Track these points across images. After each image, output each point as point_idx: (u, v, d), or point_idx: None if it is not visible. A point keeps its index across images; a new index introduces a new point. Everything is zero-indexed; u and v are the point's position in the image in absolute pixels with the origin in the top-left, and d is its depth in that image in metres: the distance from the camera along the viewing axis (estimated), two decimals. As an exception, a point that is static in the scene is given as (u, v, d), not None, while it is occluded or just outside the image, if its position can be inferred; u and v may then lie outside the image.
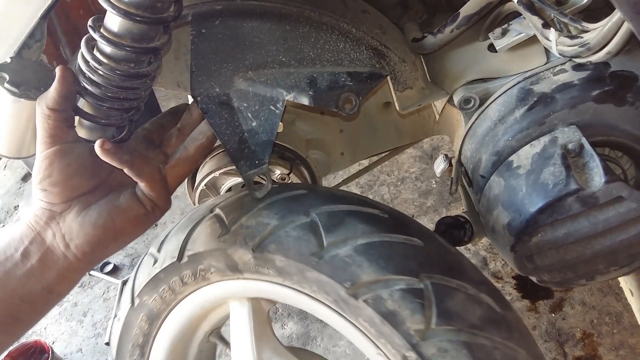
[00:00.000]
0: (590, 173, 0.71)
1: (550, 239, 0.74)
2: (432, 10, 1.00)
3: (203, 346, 1.00)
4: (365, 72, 0.79)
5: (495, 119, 0.81)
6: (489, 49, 0.86)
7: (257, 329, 0.87)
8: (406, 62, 0.90)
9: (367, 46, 0.84)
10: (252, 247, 0.75)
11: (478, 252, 1.69)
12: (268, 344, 0.88)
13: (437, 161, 0.93)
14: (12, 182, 2.72)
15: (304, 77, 0.78)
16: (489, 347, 0.61)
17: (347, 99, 0.77)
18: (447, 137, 1.10)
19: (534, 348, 0.66)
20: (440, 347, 0.61)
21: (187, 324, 0.92)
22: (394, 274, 0.64)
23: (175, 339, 0.94)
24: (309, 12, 0.82)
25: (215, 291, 0.85)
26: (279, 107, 0.78)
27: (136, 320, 0.91)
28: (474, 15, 0.83)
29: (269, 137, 0.78)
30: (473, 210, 0.87)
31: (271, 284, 0.78)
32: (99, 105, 0.72)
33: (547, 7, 0.71)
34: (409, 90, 0.90)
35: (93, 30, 0.67)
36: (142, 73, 0.71)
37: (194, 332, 0.97)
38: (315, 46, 0.81)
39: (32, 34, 0.73)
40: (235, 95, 0.79)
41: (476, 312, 0.63)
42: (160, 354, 0.94)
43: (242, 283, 0.81)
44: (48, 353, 1.59)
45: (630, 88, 0.74)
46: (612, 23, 0.62)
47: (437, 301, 0.63)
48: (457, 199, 1.90)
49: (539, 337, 1.43)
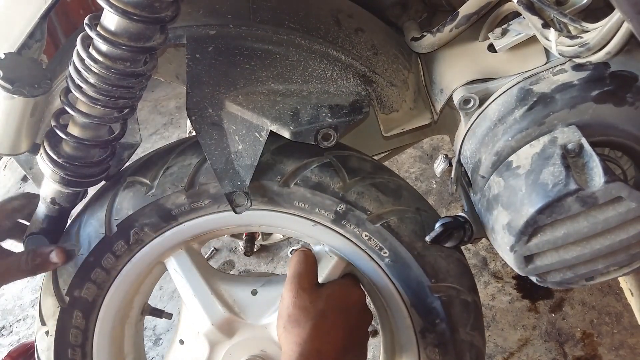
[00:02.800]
0: (589, 173, 0.71)
1: (549, 239, 0.74)
2: (431, 9, 1.00)
3: (138, 325, 1.04)
4: (347, 105, 0.83)
5: (495, 119, 0.81)
6: (489, 49, 0.86)
7: (201, 268, 0.95)
8: (395, 84, 0.92)
9: (355, 73, 0.88)
10: (184, 188, 0.85)
11: (478, 252, 1.69)
12: (215, 277, 0.96)
13: (437, 161, 0.93)
14: (12, 182, 2.72)
15: (288, 109, 0.81)
16: (386, 182, 0.88)
17: (326, 134, 0.82)
18: (447, 137, 1.10)
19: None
20: (358, 192, 0.86)
21: (123, 303, 0.96)
22: (308, 158, 0.85)
23: (116, 323, 0.96)
24: (300, 40, 0.86)
25: (149, 252, 0.90)
26: (263, 135, 0.81)
27: (70, 320, 0.91)
28: (473, 15, 0.83)
29: (252, 161, 0.82)
30: (473, 210, 0.87)
31: (206, 216, 0.88)
32: (93, 104, 0.72)
33: (546, 7, 0.71)
34: (395, 113, 0.94)
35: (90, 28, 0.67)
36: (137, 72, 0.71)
37: (130, 311, 0.99)
38: (303, 74, 0.84)
39: (32, 34, 0.74)
40: (226, 117, 0.82)
41: (367, 165, 0.89)
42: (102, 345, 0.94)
43: (176, 230, 0.89)
44: (48, 353, 1.59)
45: (630, 88, 0.74)
46: (612, 23, 0.62)
47: (342, 165, 0.86)
48: (457, 199, 1.90)
49: (539, 337, 1.43)
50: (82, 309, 0.91)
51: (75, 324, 0.91)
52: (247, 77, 0.82)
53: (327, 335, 0.76)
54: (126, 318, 0.99)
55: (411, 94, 0.96)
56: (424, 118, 0.95)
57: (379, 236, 0.87)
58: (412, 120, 0.95)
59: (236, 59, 0.83)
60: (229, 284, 0.96)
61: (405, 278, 0.88)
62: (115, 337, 0.97)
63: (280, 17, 0.87)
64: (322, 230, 0.88)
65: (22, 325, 1.81)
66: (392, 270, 0.88)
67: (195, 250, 0.96)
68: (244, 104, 0.81)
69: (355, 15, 0.95)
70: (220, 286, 0.94)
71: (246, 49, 0.83)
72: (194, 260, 0.94)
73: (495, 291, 1.56)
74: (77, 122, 0.76)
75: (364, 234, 0.87)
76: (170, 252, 0.93)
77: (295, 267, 0.84)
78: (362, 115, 0.83)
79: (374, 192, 0.86)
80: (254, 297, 0.94)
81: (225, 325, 0.93)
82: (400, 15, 0.98)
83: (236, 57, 0.83)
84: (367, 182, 0.86)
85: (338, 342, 0.77)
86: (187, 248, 0.94)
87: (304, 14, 0.89)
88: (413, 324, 0.90)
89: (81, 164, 0.79)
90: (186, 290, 0.94)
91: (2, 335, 1.79)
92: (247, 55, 0.83)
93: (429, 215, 0.89)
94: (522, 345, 1.42)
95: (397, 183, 0.90)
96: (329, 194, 0.85)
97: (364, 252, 0.88)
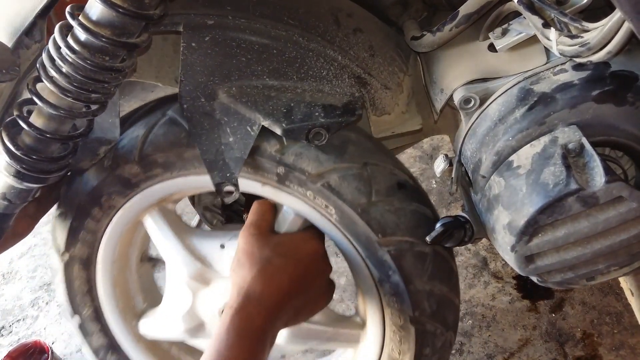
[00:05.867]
0: (590, 173, 0.71)
1: (550, 239, 0.74)
2: (432, 8, 1.00)
3: (140, 271, 1.12)
4: (340, 106, 0.83)
5: (495, 118, 0.81)
6: (489, 49, 0.86)
7: (174, 226, 1.01)
8: (389, 87, 0.92)
9: (350, 74, 0.88)
10: (135, 159, 0.89)
11: (478, 252, 1.69)
12: (188, 234, 1.02)
13: (437, 161, 0.93)
14: None
15: (281, 106, 0.82)
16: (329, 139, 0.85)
17: (318, 133, 0.82)
18: (447, 137, 1.10)
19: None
20: (296, 153, 0.85)
21: (118, 254, 1.04)
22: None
23: (115, 272, 1.05)
24: (298, 37, 0.85)
25: (124, 214, 0.97)
26: (254, 129, 0.82)
27: (73, 273, 1.03)
28: (474, 14, 0.83)
29: (242, 154, 0.83)
30: (473, 210, 0.87)
31: (163, 183, 0.92)
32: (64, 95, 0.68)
33: (547, 7, 0.71)
34: (387, 115, 0.95)
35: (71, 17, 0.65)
36: (115, 68, 0.68)
37: (128, 260, 1.08)
38: (299, 71, 0.85)
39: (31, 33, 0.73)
40: (218, 108, 0.82)
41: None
42: (107, 290, 1.06)
43: (140, 196, 0.94)
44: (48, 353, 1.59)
45: (630, 88, 0.74)
46: (613, 23, 0.62)
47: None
48: (457, 199, 1.90)
49: (539, 337, 1.43)
50: (80, 263, 1.01)
51: (78, 276, 1.03)
52: (242, 70, 0.82)
53: (270, 279, 0.80)
54: (125, 267, 1.08)
55: (404, 98, 0.96)
56: (415, 123, 0.96)
57: (322, 195, 0.87)
58: (403, 124, 0.96)
59: (232, 50, 0.82)
60: (199, 239, 1.01)
61: (355, 233, 0.89)
62: (118, 283, 1.07)
63: (280, 12, 0.87)
64: (271, 190, 0.90)
65: (22, 325, 1.81)
66: (342, 226, 0.89)
67: (168, 209, 1.02)
68: (237, 97, 0.81)
69: (354, 15, 0.95)
70: (192, 241, 1.01)
71: (243, 41, 0.83)
72: (166, 219, 1.00)
73: (495, 291, 1.56)
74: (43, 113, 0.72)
75: (308, 192, 0.87)
76: (144, 212, 1.00)
77: (250, 216, 0.90)
78: (354, 117, 0.83)
79: (313, 152, 0.85)
80: (222, 250, 0.99)
81: (199, 276, 0.99)
82: (400, 14, 0.98)
83: (233, 49, 0.82)
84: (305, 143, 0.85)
85: (283, 287, 0.80)
86: (160, 208, 1.00)
87: (304, 11, 0.89)
88: (371, 274, 0.93)
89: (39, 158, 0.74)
90: (162, 246, 1.01)
91: (1, 335, 1.79)
92: (244, 48, 0.83)
93: (377, 169, 0.88)
94: (522, 346, 1.42)
95: (343, 138, 0.87)
96: (266, 158, 0.85)
97: (314, 209, 0.90)
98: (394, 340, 0.98)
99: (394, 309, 0.95)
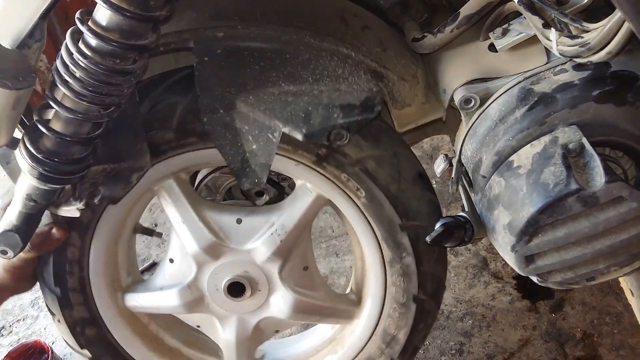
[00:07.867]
0: (590, 173, 0.71)
1: (550, 239, 0.74)
2: (432, 9, 1.00)
3: (130, 242, 1.12)
4: (358, 104, 0.84)
5: (495, 118, 0.81)
6: (490, 49, 0.86)
7: (189, 196, 1.00)
8: (406, 79, 0.92)
9: (365, 69, 0.87)
10: (172, 126, 0.87)
11: (478, 252, 1.69)
12: (203, 205, 1.01)
13: (437, 161, 0.93)
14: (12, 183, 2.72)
15: (300, 110, 0.82)
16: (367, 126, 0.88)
17: (339, 134, 0.83)
18: (447, 137, 1.10)
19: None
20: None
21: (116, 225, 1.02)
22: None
23: (109, 242, 1.04)
24: (309, 39, 0.85)
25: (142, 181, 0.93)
26: (276, 136, 0.83)
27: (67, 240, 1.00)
28: (474, 15, 0.83)
29: (267, 160, 0.85)
30: (473, 210, 0.87)
31: (192, 153, 0.92)
32: (79, 99, 0.70)
33: (547, 7, 0.71)
34: (408, 107, 0.95)
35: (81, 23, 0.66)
36: (127, 70, 0.70)
37: (123, 231, 1.06)
38: (314, 72, 0.85)
39: (32, 34, 0.73)
40: (238, 118, 0.84)
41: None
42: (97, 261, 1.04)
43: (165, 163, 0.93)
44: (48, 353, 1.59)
45: (630, 88, 0.74)
46: (613, 23, 0.62)
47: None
48: (457, 199, 1.90)
49: (539, 337, 1.43)
50: (78, 230, 0.98)
51: (72, 243, 1.00)
52: (257, 78, 0.83)
53: None
54: (119, 237, 1.06)
55: (422, 88, 0.96)
56: (438, 111, 0.96)
57: (357, 178, 0.91)
58: (425, 115, 0.97)
59: (245, 60, 0.83)
60: (216, 212, 1.01)
61: (379, 216, 0.95)
62: (110, 253, 1.06)
63: (287, 17, 0.88)
64: (303, 169, 0.93)
65: (22, 325, 1.81)
66: (367, 209, 0.94)
67: (183, 180, 1.01)
68: (255, 105, 0.82)
69: (359, 14, 0.95)
70: (207, 214, 1.00)
71: (255, 49, 0.84)
72: (182, 189, 0.99)
73: (495, 291, 1.56)
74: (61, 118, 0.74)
75: (342, 175, 0.91)
76: (159, 182, 0.98)
77: None
78: (374, 113, 0.84)
79: (355, 138, 0.87)
80: (238, 225, 1.00)
81: (211, 249, 1.00)
82: (400, 16, 0.98)
83: (245, 58, 0.83)
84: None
85: None
86: (176, 178, 0.99)
87: (310, 14, 0.90)
88: (383, 255, 0.99)
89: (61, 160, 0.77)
90: (176, 217, 1.00)
91: (1, 335, 1.79)
92: (257, 56, 0.83)
93: (404, 158, 0.94)
94: (522, 346, 1.42)
95: (377, 126, 0.91)
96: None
97: (342, 191, 0.94)
98: (392, 317, 1.05)
99: (399, 287, 1.01)
